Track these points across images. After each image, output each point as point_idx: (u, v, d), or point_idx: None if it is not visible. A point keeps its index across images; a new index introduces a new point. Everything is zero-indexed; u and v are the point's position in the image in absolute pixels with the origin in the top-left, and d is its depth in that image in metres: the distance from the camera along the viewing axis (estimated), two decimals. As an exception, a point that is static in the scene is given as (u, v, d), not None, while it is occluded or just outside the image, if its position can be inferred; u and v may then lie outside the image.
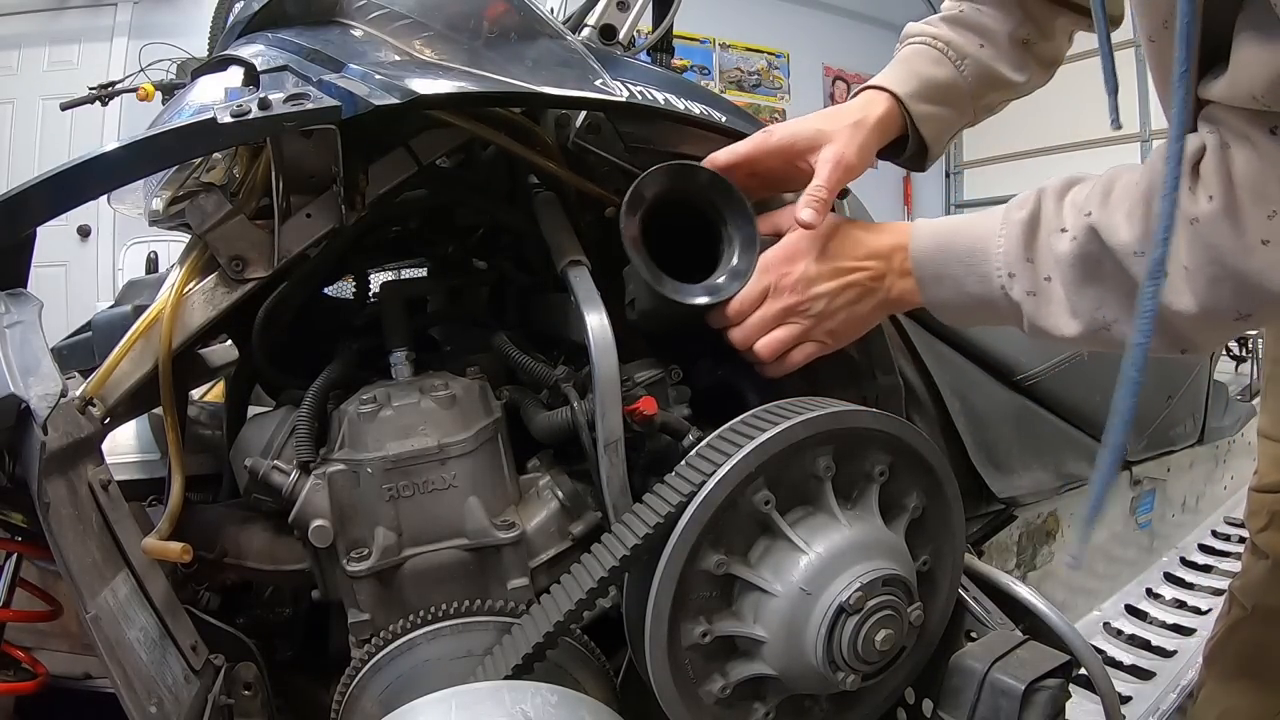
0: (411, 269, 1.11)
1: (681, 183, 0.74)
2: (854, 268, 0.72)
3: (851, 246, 0.72)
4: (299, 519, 0.71)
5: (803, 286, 0.71)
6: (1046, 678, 0.70)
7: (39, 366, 0.63)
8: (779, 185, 0.82)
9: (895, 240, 0.72)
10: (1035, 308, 0.64)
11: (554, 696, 0.59)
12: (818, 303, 0.72)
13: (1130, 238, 0.57)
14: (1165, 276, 0.52)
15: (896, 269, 0.72)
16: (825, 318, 0.73)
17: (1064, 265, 0.61)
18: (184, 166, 0.81)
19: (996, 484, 1.14)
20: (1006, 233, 0.64)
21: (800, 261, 0.72)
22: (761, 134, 0.78)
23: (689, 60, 5.20)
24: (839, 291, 0.72)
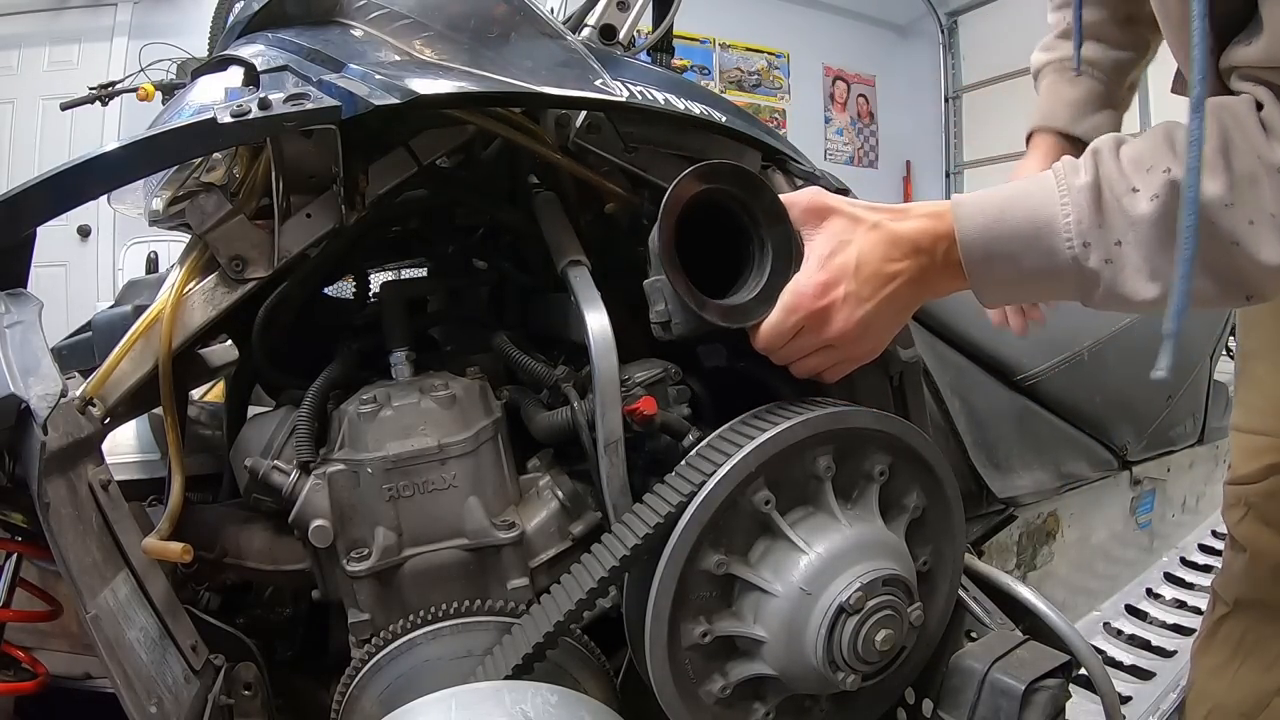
0: (411, 269, 1.11)
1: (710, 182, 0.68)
2: (895, 273, 0.65)
3: (890, 247, 0.65)
4: (299, 519, 0.71)
5: (844, 320, 0.65)
6: (1046, 678, 0.70)
7: (39, 366, 0.63)
8: None
9: (935, 228, 0.65)
10: (1113, 274, 0.60)
11: (554, 696, 0.59)
12: (862, 329, 0.66)
13: (1219, 190, 0.55)
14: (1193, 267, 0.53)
15: (940, 262, 0.65)
16: (868, 338, 0.67)
17: (1143, 226, 0.58)
18: (184, 166, 0.81)
19: (996, 484, 1.14)
20: (1073, 200, 0.60)
21: (839, 287, 0.65)
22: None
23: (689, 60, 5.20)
24: (883, 307, 0.66)
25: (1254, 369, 0.89)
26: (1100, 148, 0.61)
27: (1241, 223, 0.55)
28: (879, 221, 0.66)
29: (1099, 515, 1.46)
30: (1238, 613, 0.89)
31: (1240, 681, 0.88)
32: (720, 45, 5.52)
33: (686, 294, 0.65)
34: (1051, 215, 0.61)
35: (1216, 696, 0.90)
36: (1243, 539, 0.88)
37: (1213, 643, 0.92)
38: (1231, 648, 0.89)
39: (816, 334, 0.66)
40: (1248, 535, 0.87)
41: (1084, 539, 1.43)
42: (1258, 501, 0.86)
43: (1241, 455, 0.89)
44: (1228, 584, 0.90)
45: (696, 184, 0.67)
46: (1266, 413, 0.86)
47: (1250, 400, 0.89)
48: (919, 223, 0.65)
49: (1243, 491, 0.88)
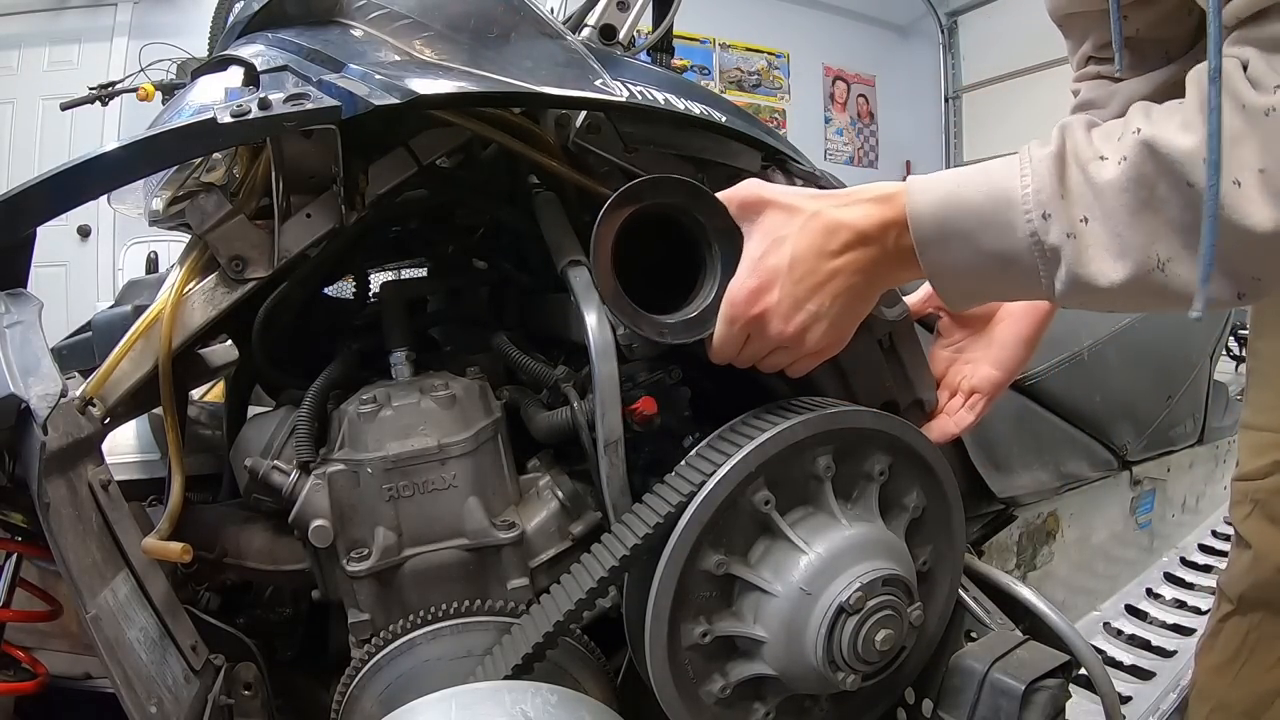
0: (411, 269, 1.11)
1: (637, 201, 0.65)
2: (836, 269, 0.61)
3: (827, 236, 0.60)
4: (299, 519, 0.71)
5: (780, 320, 0.62)
6: (1046, 678, 0.70)
7: (39, 366, 0.63)
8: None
9: (884, 214, 0.60)
10: (1076, 251, 0.54)
11: (554, 696, 0.59)
12: (807, 328, 0.63)
13: (1193, 143, 0.49)
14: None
15: (891, 249, 0.61)
16: (818, 336, 0.63)
17: (1109, 195, 0.52)
18: (184, 166, 0.81)
19: (996, 484, 1.14)
20: (1034, 170, 0.55)
21: (773, 290, 0.62)
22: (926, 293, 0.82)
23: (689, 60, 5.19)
24: (826, 306, 0.62)
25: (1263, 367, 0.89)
26: (1070, 123, 0.56)
27: (1225, 182, 0.48)
28: (819, 210, 0.61)
29: (1099, 515, 1.46)
30: (1242, 611, 0.89)
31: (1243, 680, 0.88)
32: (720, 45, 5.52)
33: (631, 322, 0.64)
34: (1010, 187, 0.55)
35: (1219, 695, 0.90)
36: (1248, 536, 0.88)
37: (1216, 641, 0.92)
38: (1235, 646, 0.89)
39: (761, 339, 0.64)
40: (1252, 532, 0.87)
41: (1084, 539, 1.43)
42: (1264, 498, 0.86)
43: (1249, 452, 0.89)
44: (1232, 582, 0.90)
45: (624, 207, 0.64)
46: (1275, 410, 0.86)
47: (1259, 398, 0.89)
48: (865, 209, 0.61)
49: (1249, 488, 0.87)
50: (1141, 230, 0.52)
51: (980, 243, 0.57)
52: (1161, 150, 0.50)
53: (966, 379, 0.83)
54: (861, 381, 0.77)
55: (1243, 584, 0.88)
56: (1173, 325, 1.49)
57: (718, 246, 0.65)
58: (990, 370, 0.82)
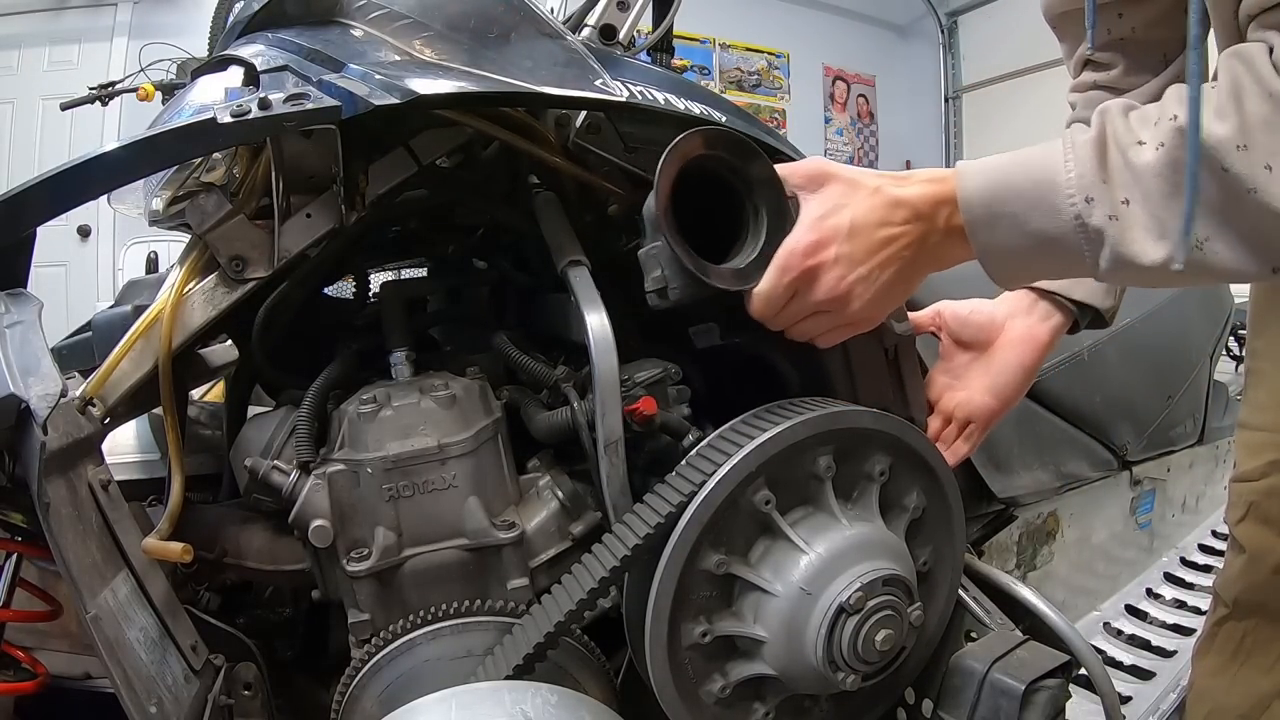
0: (411, 269, 1.11)
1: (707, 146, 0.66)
2: (892, 237, 0.63)
3: (887, 211, 0.63)
4: (299, 519, 0.71)
5: (835, 279, 0.64)
6: (1046, 678, 0.70)
7: (39, 366, 0.63)
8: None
9: (937, 192, 0.63)
10: (1119, 232, 0.56)
11: (554, 696, 0.59)
12: (854, 292, 0.64)
13: (1228, 130, 0.51)
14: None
15: (941, 226, 0.63)
16: (862, 303, 0.65)
17: (1148, 178, 0.54)
18: (184, 166, 0.81)
19: (996, 484, 1.14)
20: (1075, 155, 0.57)
21: (830, 247, 0.63)
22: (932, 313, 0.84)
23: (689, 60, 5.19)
24: (876, 273, 0.64)
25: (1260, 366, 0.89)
26: (1109, 107, 0.58)
27: (1258, 167, 0.50)
28: (879, 186, 0.64)
29: (1099, 515, 1.46)
30: (1238, 614, 0.89)
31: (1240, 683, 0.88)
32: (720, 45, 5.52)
33: (687, 258, 0.64)
34: (1055, 171, 0.58)
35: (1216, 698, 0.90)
36: (1243, 539, 0.88)
37: (1213, 644, 0.92)
38: (1231, 650, 0.89)
39: (808, 295, 0.65)
40: (1247, 535, 0.87)
41: (1084, 539, 1.43)
42: (1258, 500, 0.85)
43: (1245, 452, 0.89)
44: (1227, 585, 0.90)
45: (694, 146, 0.65)
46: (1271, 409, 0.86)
47: (1256, 397, 0.89)
48: (920, 187, 0.64)
49: (1245, 490, 0.87)
50: (1179, 213, 0.53)
51: (1027, 225, 0.59)
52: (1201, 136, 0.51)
53: (961, 406, 0.84)
54: (866, 384, 0.78)
55: (1238, 587, 0.88)
56: (1173, 325, 1.49)
57: (764, 208, 0.66)
58: (987, 399, 0.83)
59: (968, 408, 0.84)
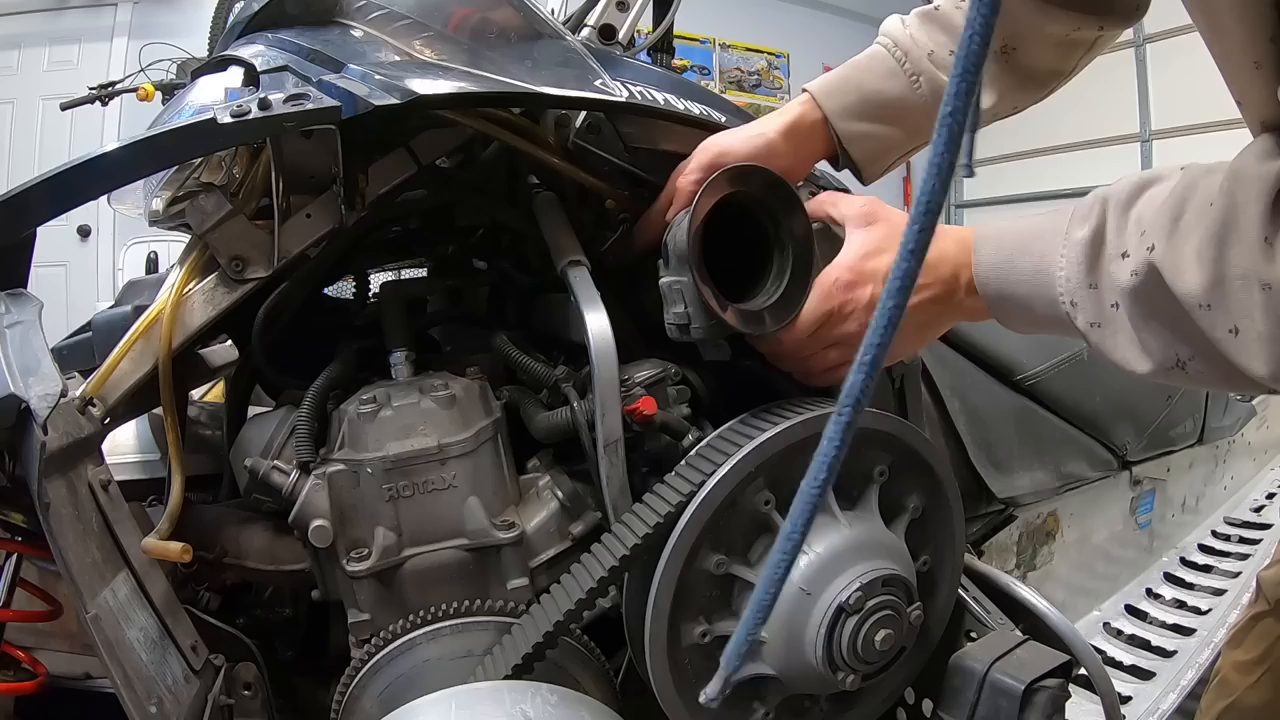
0: (411, 269, 1.11)
1: (742, 185, 0.68)
2: (922, 286, 0.65)
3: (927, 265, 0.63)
4: (299, 519, 0.71)
5: (864, 314, 0.66)
6: (1046, 678, 0.70)
7: (39, 366, 0.63)
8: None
9: (958, 258, 0.65)
10: (1101, 339, 0.57)
11: (554, 696, 0.59)
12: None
13: (1196, 286, 0.49)
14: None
15: (964, 287, 0.66)
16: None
17: (1126, 300, 0.54)
18: (184, 166, 0.81)
19: (996, 484, 1.14)
20: (1068, 255, 0.58)
21: (867, 286, 0.66)
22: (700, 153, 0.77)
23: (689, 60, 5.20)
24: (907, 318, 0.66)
25: None
26: (1110, 198, 0.56)
27: (1220, 329, 0.49)
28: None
29: (1099, 515, 1.46)
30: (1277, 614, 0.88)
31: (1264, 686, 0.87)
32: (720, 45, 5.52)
33: (714, 300, 0.65)
34: (1051, 266, 0.59)
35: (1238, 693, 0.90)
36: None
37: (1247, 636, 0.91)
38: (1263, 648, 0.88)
39: (835, 327, 0.67)
40: None
41: (1084, 539, 1.43)
42: None
43: None
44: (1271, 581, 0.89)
45: (728, 186, 0.67)
46: None
47: None
48: (948, 247, 0.66)
49: None
50: (1158, 336, 0.54)
51: (1032, 308, 0.62)
52: (1166, 281, 0.51)
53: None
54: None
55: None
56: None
57: (791, 250, 0.68)
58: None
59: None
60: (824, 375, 0.70)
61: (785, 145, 0.78)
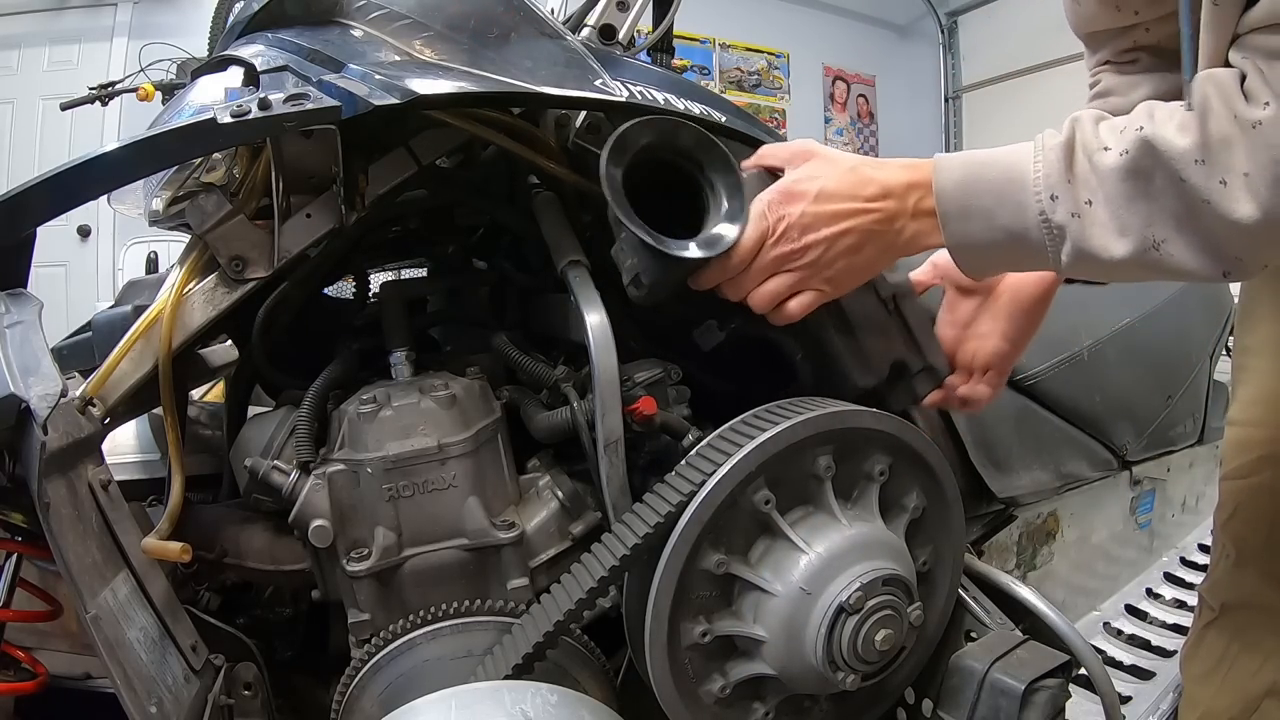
0: (411, 269, 1.11)
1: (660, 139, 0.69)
2: (858, 210, 0.66)
3: (858, 185, 0.66)
4: (299, 519, 0.71)
5: (798, 233, 0.66)
6: (1046, 678, 0.70)
7: (39, 366, 0.63)
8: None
9: (911, 177, 0.66)
10: (1081, 229, 0.60)
11: (554, 696, 0.59)
12: (813, 250, 0.66)
13: (1189, 144, 0.55)
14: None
15: (910, 209, 0.66)
16: (822, 266, 0.67)
17: (1111, 181, 0.58)
18: (184, 166, 0.81)
19: (996, 484, 1.14)
20: (1044, 157, 0.61)
21: (798, 203, 0.66)
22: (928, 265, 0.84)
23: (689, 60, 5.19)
24: (837, 238, 0.66)
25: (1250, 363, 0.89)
26: (1081, 116, 0.62)
27: (1213, 181, 0.54)
28: (856, 165, 0.68)
29: (1099, 515, 1.46)
30: (1224, 617, 0.89)
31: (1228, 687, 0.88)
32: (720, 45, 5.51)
33: (647, 235, 0.65)
34: (1024, 170, 0.62)
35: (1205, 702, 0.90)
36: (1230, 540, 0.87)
37: (1200, 649, 0.92)
38: (1219, 653, 0.89)
39: (771, 250, 0.67)
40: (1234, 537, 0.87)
41: (1084, 539, 1.43)
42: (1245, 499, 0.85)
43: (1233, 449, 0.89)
44: (1213, 588, 0.90)
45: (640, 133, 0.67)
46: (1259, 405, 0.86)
47: (1245, 394, 0.89)
48: (896, 171, 0.67)
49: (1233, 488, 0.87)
50: (1139, 215, 0.58)
51: (996, 218, 0.63)
52: (1160, 148, 0.56)
53: (978, 355, 0.84)
54: (870, 339, 0.77)
55: (1225, 590, 0.88)
56: (1173, 325, 1.49)
57: (719, 183, 0.69)
58: (1000, 343, 0.83)
59: (984, 354, 0.84)
60: (773, 306, 0.69)
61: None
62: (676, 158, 0.70)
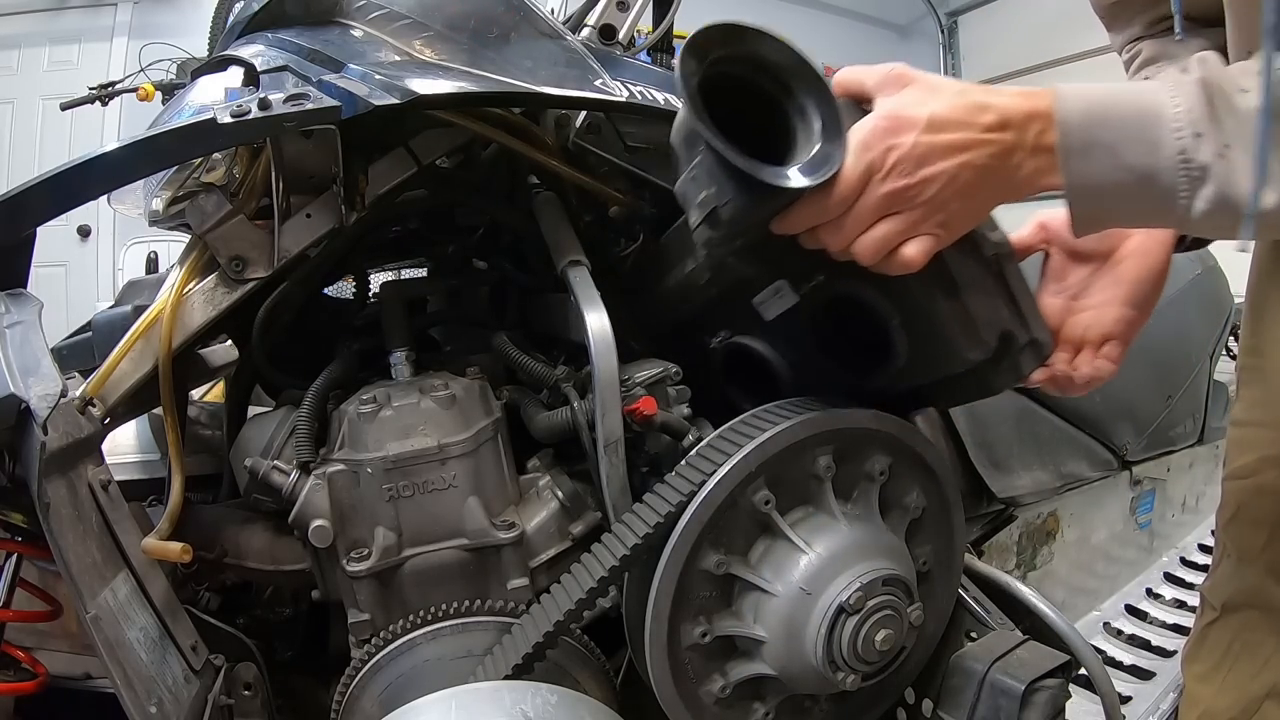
0: (411, 269, 1.11)
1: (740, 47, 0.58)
2: (976, 141, 0.57)
3: (973, 111, 0.58)
4: (299, 519, 0.71)
5: (912, 166, 0.57)
6: (1046, 678, 0.70)
7: (39, 366, 0.63)
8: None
9: (1031, 105, 0.58)
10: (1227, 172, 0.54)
11: (554, 696, 0.59)
12: (930, 185, 0.57)
13: None
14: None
15: (1030, 143, 0.58)
16: (937, 206, 0.58)
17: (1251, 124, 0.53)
18: (184, 166, 0.81)
19: (996, 484, 1.14)
20: (1183, 93, 0.55)
21: (909, 133, 0.57)
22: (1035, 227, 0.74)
23: (689, 60, 5.18)
24: (956, 173, 0.57)
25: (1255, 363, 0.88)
26: (1207, 56, 0.57)
27: None
28: (966, 89, 0.59)
29: (1099, 515, 1.46)
30: (1226, 618, 0.88)
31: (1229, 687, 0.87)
32: (720, 45, 5.51)
33: (738, 158, 0.53)
34: (1160, 105, 0.55)
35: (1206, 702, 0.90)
36: (1231, 540, 0.87)
37: (1201, 649, 0.91)
38: (1220, 653, 0.89)
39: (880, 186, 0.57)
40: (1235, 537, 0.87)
41: (1084, 539, 1.43)
42: (1247, 499, 0.85)
43: (1236, 449, 0.89)
44: (1216, 588, 0.90)
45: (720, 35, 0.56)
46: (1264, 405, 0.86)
47: (1250, 394, 0.88)
48: (1011, 99, 0.58)
49: (1235, 488, 0.87)
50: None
51: (1124, 156, 0.56)
52: None
53: (1093, 326, 0.74)
54: (977, 303, 0.65)
55: (1226, 590, 0.88)
56: (1173, 325, 1.49)
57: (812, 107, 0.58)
58: (1126, 310, 0.74)
59: (1102, 325, 0.74)
60: (876, 254, 0.59)
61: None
62: (757, 73, 0.58)
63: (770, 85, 0.58)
